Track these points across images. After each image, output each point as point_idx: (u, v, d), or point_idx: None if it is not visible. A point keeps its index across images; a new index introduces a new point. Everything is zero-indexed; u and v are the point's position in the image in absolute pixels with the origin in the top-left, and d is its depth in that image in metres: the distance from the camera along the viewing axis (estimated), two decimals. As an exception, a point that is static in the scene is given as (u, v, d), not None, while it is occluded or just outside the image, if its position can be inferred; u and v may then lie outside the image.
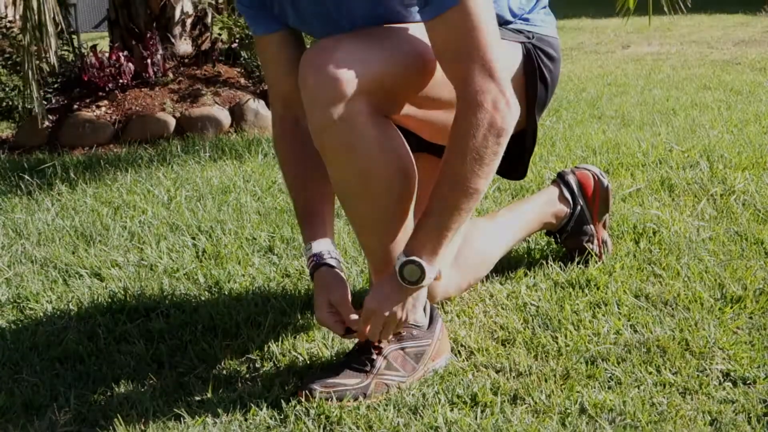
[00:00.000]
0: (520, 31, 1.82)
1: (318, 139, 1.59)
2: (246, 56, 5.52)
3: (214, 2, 5.72)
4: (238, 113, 4.98)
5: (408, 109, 1.65)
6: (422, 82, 1.62)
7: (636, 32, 8.75)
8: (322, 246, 1.79)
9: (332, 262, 1.77)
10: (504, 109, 1.54)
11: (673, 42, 8.18)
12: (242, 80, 5.37)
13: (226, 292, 2.30)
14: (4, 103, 5.18)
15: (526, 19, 1.86)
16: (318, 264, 1.77)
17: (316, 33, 1.77)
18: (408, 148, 1.65)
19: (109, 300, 2.29)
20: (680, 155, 3.36)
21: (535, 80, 1.83)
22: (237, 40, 5.62)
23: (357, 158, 1.57)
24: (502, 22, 1.81)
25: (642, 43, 8.24)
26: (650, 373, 1.74)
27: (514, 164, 1.92)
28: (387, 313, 1.66)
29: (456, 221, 1.60)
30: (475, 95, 1.53)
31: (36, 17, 4.09)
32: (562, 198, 2.29)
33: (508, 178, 2.05)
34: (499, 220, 2.21)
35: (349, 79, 1.50)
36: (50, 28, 4.14)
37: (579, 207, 2.30)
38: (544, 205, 2.28)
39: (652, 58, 7.19)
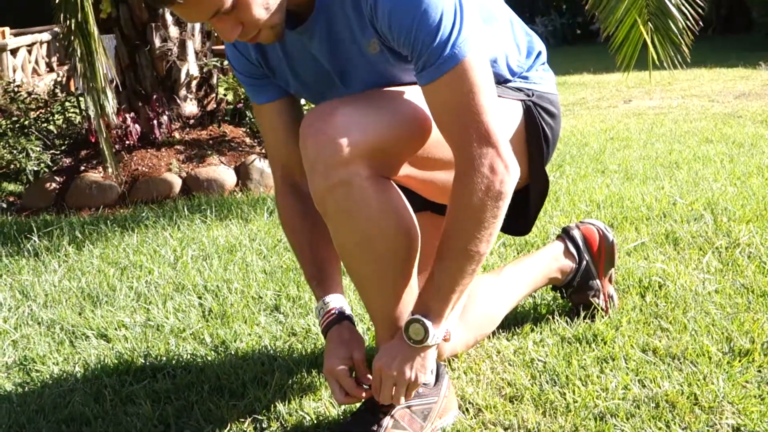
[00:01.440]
0: (519, 89, 1.85)
1: (320, 203, 1.60)
2: (251, 116, 5.58)
3: (219, 64, 5.79)
4: (243, 172, 5.02)
5: (408, 169, 1.67)
6: (421, 143, 1.64)
7: (637, 87, 8.81)
8: (338, 302, 1.82)
9: (351, 320, 1.79)
10: (502, 173, 1.55)
11: (674, 96, 8.23)
12: (247, 140, 5.42)
13: (233, 352, 2.30)
14: (12, 165, 5.23)
15: (525, 77, 1.88)
16: (336, 320, 1.79)
17: (317, 99, 1.80)
18: (410, 208, 1.66)
19: (116, 361, 2.29)
20: (684, 208, 3.37)
21: (535, 137, 1.85)
22: (242, 101, 5.68)
23: (359, 221, 1.58)
24: (502, 81, 1.84)
25: (643, 98, 8.30)
26: (660, 428, 1.73)
27: (518, 221, 1.93)
28: (395, 373, 1.66)
29: (460, 284, 1.61)
30: (472, 159, 1.54)
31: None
32: (567, 253, 2.30)
33: (512, 234, 2.06)
34: (505, 276, 2.21)
35: (348, 142, 1.52)
36: (108, 91, 4.25)
37: (584, 262, 2.30)
38: (549, 260, 2.29)
39: (654, 112, 7.23)
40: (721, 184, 3.82)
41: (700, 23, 4.22)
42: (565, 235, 2.33)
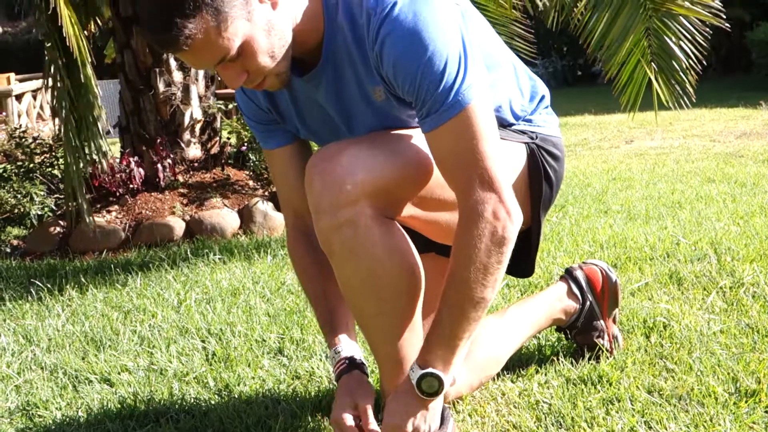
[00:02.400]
0: (523, 132, 1.86)
1: (324, 242, 1.61)
2: (254, 159, 5.61)
3: (223, 107, 5.84)
4: (246, 215, 5.03)
5: (413, 210, 1.68)
6: (426, 184, 1.65)
7: (638, 127, 8.86)
8: (349, 350, 1.82)
9: (362, 369, 1.79)
10: (505, 219, 1.56)
11: (675, 136, 8.27)
12: (251, 182, 5.44)
13: (236, 395, 2.29)
14: (16, 210, 5.24)
15: (529, 120, 1.90)
16: (347, 369, 1.79)
17: (325, 143, 1.81)
18: (414, 249, 1.67)
19: (119, 406, 2.28)
20: (687, 248, 3.37)
21: (539, 179, 1.86)
22: (245, 144, 5.71)
23: (363, 261, 1.59)
24: (505, 125, 1.85)
25: (645, 138, 8.34)
26: (667, 470, 1.71)
27: (521, 262, 1.94)
28: (410, 428, 1.66)
29: (466, 330, 1.62)
30: (475, 205, 1.56)
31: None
32: (571, 294, 2.29)
33: (516, 276, 2.06)
34: (509, 318, 2.21)
35: (353, 183, 1.54)
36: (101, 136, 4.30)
37: (588, 303, 2.29)
38: (553, 301, 2.28)
39: (656, 152, 7.26)
40: (724, 224, 3.82)
41: (704, 62, 4.25)
42: (568, 275, 2.33)
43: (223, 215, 5.00)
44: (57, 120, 4.40)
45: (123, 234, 4.92)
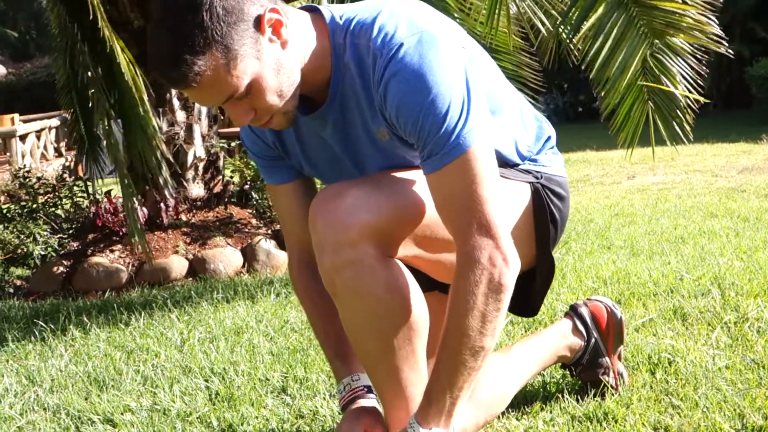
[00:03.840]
0: (528, 171, 1.87)
1: (328, 282, 1.62)
2: (257, 197, 5.63)
3: (226, 146, 5.86)
4: (250, 254, 5.04)
5: (416, 250, 1.68)
6: (428, 225, 1.65)
7: (640, 163, 8.88)
8: (367, 381, 1.82)
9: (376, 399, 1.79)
10: (501, 266, 1.56)
11: (677, 171, 8.29)
12: (254, 221, 5.45)
13: (240, 435, 2.27)
14: (20, 250, 5.25)
15: (534, 160, 1.90)
16: (363, 395, 1.80)
17: (329, 180, 1.82)
18: (417, 288, 1.67)
19: (122, 446, 2.27)
20: (691, 283, 3.36)
21: (544, 220, 1.86)
22: (248, 182, 5.73)
23: (366, 300, 1.59)
24: (511, 165, 1.86)
25: (647, 174, 8.36)
26: (674, 508, 1.69)
27: (526, 302, 1.93)
28: None
29: (466, 380, 1.61)
30: (472, 251, 1.56)
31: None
32: (575, 331, 2.29)
33: (520, 315, 2.06)
34: (514, 355, 2.20)
35: (356, 223, 1.55)
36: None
37: (593, 339, 2.29)
38: (558, 338, 2.27)
39: (658, 187, 7.27)
40: (727, 259, 3.81)
41: (701, 100, 4.27)
42: (573, 312, 2.32)
43: (226, 254, 5.01)
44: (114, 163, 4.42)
45: (126, 273, 4.92)
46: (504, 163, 1.81)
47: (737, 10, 17.30)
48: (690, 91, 4.23)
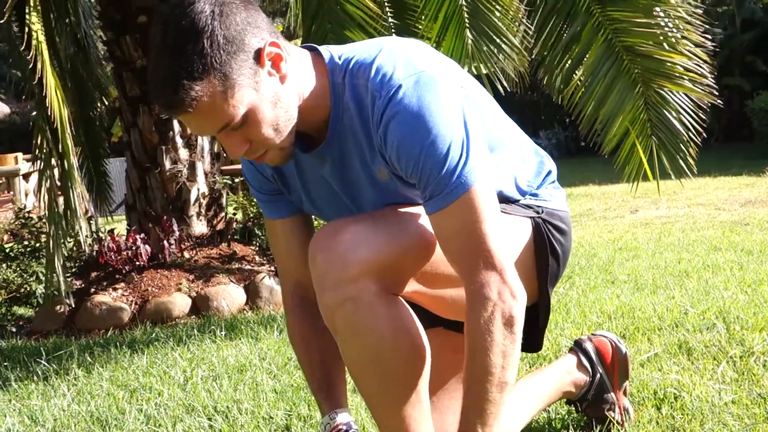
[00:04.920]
0: (529, 206, 1.86)
1: (329, 319, 1.61)
2: (260, 234, 5.63)
3: (229, 183, 5.88)
4: (253, 291, 5.03)
5: (418, 286, 1.67)
6: (429, 261, 1.65)
7: (643, 196, 8.88)
8: (346, 418, 1.81)
9: None
10: (509, 300, 1.57)
11: (680, 205, 8.29)
12: (257, 258, 5.45)
13: (244, 475, 2.25)
14: (23, 289, 5.25)
15: (535, 195, 1.90)
16: (348, 428, 1.77)
17: (328, 217, 1.83)
18: (419, 325, 1.66)
19: (125, 487, 2.25)
20: (696, 318, 3.35)
21: (545, 254, 1.85)
22: (251, 219, 5.74)
23: (367, 337, 1.58)
24: (512, 201, 1.86)
25: (650, 207, 8.36)
26: None
27: (528, 338, 1.91)
28: None
29: (496, 417, 1.60)
30: (480, 288, 1.56)
31: (63, 206, 4.26)
32: (580, 366, 2.27)
33: (524, 351, 2.04)
34: (519, 391, 2.18)
35: (357, 260, 1.54)
36: (80, 214, 4.30)
37: (599, 375, 2.27)
38: (562, 374, 2.26)
39: (661, 221, 7.27)
40: (732, 292, 3.80)
41: (703, 134, 4.29)
42: (578, 347, 2.31)
43: (229, 291, 5.00)
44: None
45: (129, 312, 4.91)
46: (505, 198, 1.81)
47: (736, 43, 17.43)
48: (691, 125, 4.25)
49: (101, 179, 6.00)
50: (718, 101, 4.16)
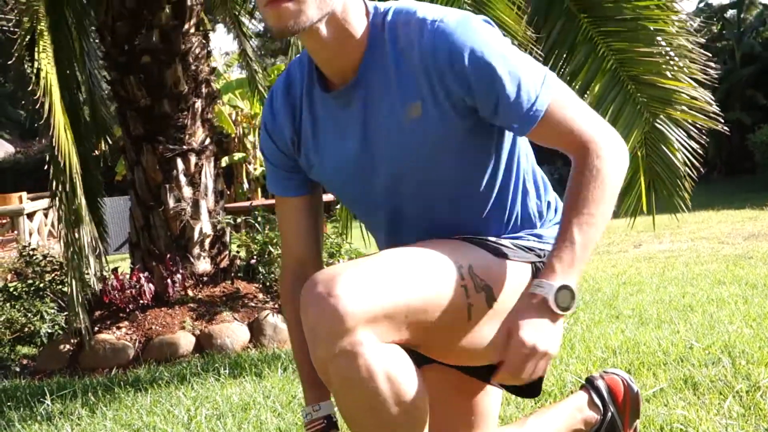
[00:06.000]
0: (531, 249, 1.83)
1: (322, 372, 1.55)
2: (264, 272, 5.63)
3: (232, 222, 5.89)
4: (256, 328, 5.02)
5: (412, 334, 1.61)
6: (424, 309, 1.59)
7: (646, 231, 8.88)
8: (327, 409, 1.78)
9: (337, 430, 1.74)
10: (596, 149, 1.66)
11: (683, 239, 8.29)
12: (260, 295, 5.45)
13: None
14: (26, 329, 5.24)
15: (539, 236, 1.87)
16: (327, 427, 1.75)
17: (332, 187, 1.84)
18: (416, 373, 1.59)
19: None
20: (701, 352, 3.34)
21: None
22: (255, 257, 5.74)
23: (362, 390, 1.52)
24: (513, 228, 1.83)
25: (653, 242, 8.36)
26: None
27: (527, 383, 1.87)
28: (543, 347, 1.60)
29: (592, 244, 1.67)
30: (581, 156, 1.67)
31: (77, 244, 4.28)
32: (591, 404, 2.25)
33: (520, 396, 2.01)
34: (529, 428, 2.16)
35: (349, 312, 1.49)
36: (90, 257, 4.32)
37: (610, 414, 2.25)
38: (573, 411, 2.24)
39: (665, 255, 7.26)
40: (736, 327, 3.79)
41: (702, 170, 4.30)
42: (590, 385, 2.29)
43: (233, 329, 4.99)
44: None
45: (133, 350, 4.90)
46: (507, 220, 1.81)
47: (736, 78, 17.52)
48: (690, 160, 4.26)
49: (98, 220, 6.01)
50: (724, 128, 4.18)
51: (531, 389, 1.95)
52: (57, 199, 4.36)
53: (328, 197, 5.89)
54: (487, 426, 2.02)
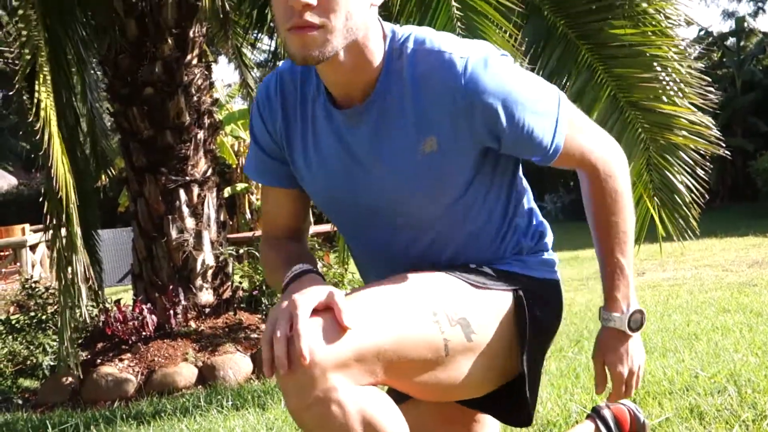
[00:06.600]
0: (514, 277, 1.78)
1: (298, 421, 1.49)
2: (267, 303, 5.62)
3: (234, 253, 5.88)
4: (259, 360, 5.00)
5: (386, 374, 1.54)
6: (395, 349, 1.53)
7: (649, 259, 8.86)
8: (310, 267, 1.67)
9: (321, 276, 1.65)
10: (604, 165, 1.75)
11: (687, 267, 8.27)
12: (263, 326, 5.43)
13: None
14: (29, 361, 5.23)
15: (524, 261, 1.82)
16: (305, 271, 1.63)
17: (315, 195, 1.79)
18: (395, 411, 1.55)
19: None
20: (707, 381, 3.32)
21: (524, 326, 1.74)
22: (257, 288, 5.73)
23: None
24: (498, 257, 1.79)
25: (656, 270, 8.33)
26: None
27: (518, 411, 1.83)
28: (638, 367, 1.82)
29: (631, 262, 1.79)
30: (590, 174, 1.77)
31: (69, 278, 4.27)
32: (598, 434, 2.23)
33: (515, 425, 1.93)
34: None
35: (317, 360, 1.43)
36: (82, 288, 4.31)
37: (617, 443, 2.23)
38: (580, 440, 2.22)
39: (668, 283, 7.24)
40: (742, 355, 3.77)
41: (706, 195, 4.30)
42: (596, 414, 2.27)
43: (235, 360, 4.98)
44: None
45: (135, 382, 4.88)
46: (497, 245, 1.78)
47: (737, 105, 17.56)
48: (694, 187, 4.26)
49: (93, 252, 6.00)
50: (726, 152, 4.18)
51: (520, 418, 1.86)
52: (51, 230, 4.35)
53: (328, 227, 5.87)
54: None
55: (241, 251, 6.35)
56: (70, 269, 4.28)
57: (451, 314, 1.60)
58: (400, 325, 1.55)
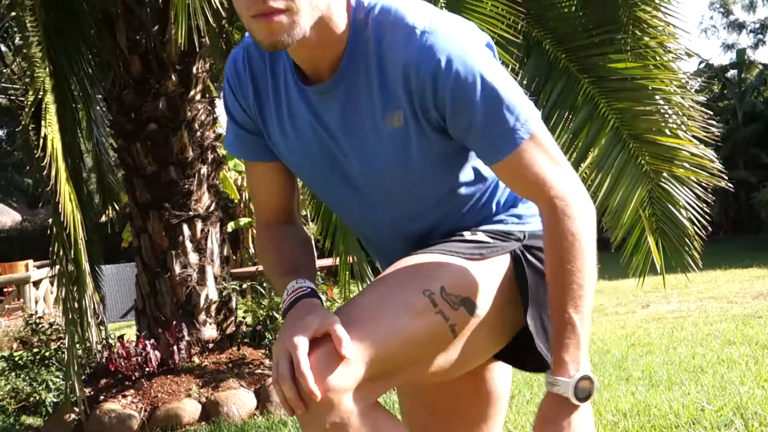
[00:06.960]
0: (510, 234, 1.76)
1: None
2: (270, 338, 5.61)
3: (237, 288, 5.88)
4: (263, 395, 4.98)
5: (402, 376, 1.57)
6: (403, 352, 1.54)
7: (654, 291, 8.83)
8: (314, 283, 1.67)
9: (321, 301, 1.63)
10: (563, 207, 1.55)
11: (691, 299, 8.24)
12: (267, 361, 5.41)
13: None
14: (32, 398, 5.20)
15: (520, 216, 1.79)
16: (312, 294, 1.61)
17: (301, 174, 1.76)
18: (402, 428, 1.56)
19: None
20: (713, 414, 3.30)
21: (524, 283, 1.72)
22: (261, 323, 5.72)
23: None
24: (492, 221, 1.76)
25: (661, 302, 8.31)
26: None
27: (527, 356, 1.77)
28: None
29: (586, 324, 1.56)
30: (546, 212, 1.57)
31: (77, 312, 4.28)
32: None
33: (529, 371, 1.86)
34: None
35: (330, 390, 1.43)
36: (92, 323, 4.31)
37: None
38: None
39: (673, 316, 7.22)
40: (748, 387, 3.75)
41: (709, 228, 4.30)
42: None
43: (239, 396, 4.95)
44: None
45: (138, 419, 4.85)
46: (488, 209, 1.75)
47: (739, 136, 17.61)
48: (697, 219, 4.27)
49: (96, 287, 6.00)
50: (729, 185, 4.19)
51: (535, 364, 1.77)
52: (58, 265, 4.36)
53: (330, 261, 5.85)
54: (503, 410, 1.97)
55: (245, 286, 6.34)
56: (77, 305, 4.28)
57: (453, 299, 1.58)
58: (403, 330, 1.53)
